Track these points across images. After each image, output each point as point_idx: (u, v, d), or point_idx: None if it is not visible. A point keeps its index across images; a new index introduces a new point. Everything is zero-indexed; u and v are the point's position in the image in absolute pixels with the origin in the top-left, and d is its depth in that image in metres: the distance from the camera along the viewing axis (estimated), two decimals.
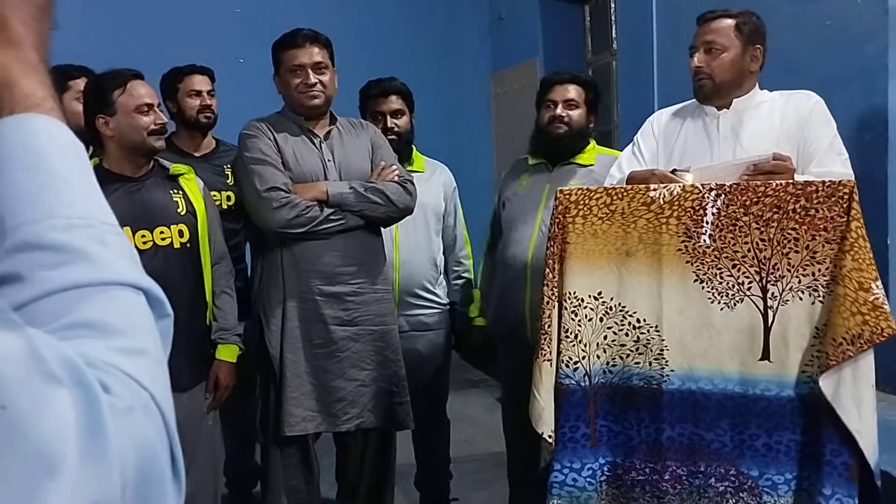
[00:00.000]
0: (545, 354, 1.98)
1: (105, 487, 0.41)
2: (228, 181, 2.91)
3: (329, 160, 2.47)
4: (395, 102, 2.91)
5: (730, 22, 2.16)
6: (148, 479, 0.45)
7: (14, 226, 0.49)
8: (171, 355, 0.54)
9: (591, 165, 2.66)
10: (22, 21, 0.55)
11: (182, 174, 2.40)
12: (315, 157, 2.46)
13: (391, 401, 2.51)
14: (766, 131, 2.14)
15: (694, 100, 2.29)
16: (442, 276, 3.05)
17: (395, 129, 2.87)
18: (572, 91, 2.68)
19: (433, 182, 3.02)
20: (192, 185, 2.41)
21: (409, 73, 3.18)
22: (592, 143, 2.77)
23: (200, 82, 3.01)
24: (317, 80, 2.44)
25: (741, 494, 1.91)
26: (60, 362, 0.42)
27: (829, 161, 2.04)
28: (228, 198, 2.90)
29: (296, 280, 2.43)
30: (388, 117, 2.88)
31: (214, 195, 2.67)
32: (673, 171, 2.05)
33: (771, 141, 2.11)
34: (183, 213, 2.33)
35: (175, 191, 2.35)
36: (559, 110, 2.66)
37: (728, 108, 2.20)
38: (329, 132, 2.52)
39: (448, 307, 3.06)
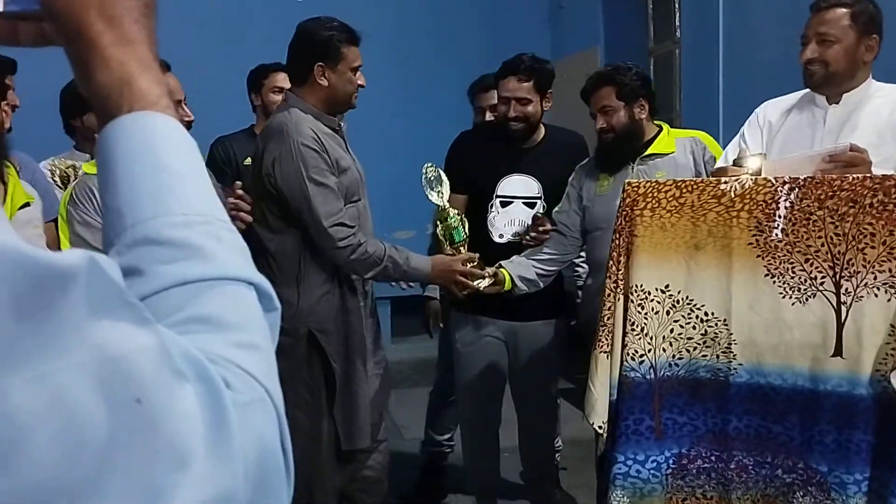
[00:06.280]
0: (602, 346, 1.98)
1: (229, 481, 0.42)
2: None
3: (354, 159, 2.47)
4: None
5: (843, 11, 2.11)
6: (266, 473, 0.45)
7: (134, 222, 0.50)
8: None
9: (673, 153, 2.59)
10: (134, 19, 0.54)
11: None
12: (349, 158, 2.44)
13: None
14: (872, 127, 2.09)
15: (805, 91, 2.24)
16: None
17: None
18: (603, 96, 2.59)
19: None
20: None
21: (468, 62, 3.20)
22: (665, 128, 2.69)
23: (283, 80, 3.16)
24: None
25: (809, 488, 1.88)
26: (184, 358, 0.42)
27: None
28: None
29: (358, 288, 2.45)
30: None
31: None
32: (735, 162, 2.02)
33: (875, 136, 2.05)
34: None
35: None
36: (600, 122, 2.59)
37: (838, 104, 2.16)
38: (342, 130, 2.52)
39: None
